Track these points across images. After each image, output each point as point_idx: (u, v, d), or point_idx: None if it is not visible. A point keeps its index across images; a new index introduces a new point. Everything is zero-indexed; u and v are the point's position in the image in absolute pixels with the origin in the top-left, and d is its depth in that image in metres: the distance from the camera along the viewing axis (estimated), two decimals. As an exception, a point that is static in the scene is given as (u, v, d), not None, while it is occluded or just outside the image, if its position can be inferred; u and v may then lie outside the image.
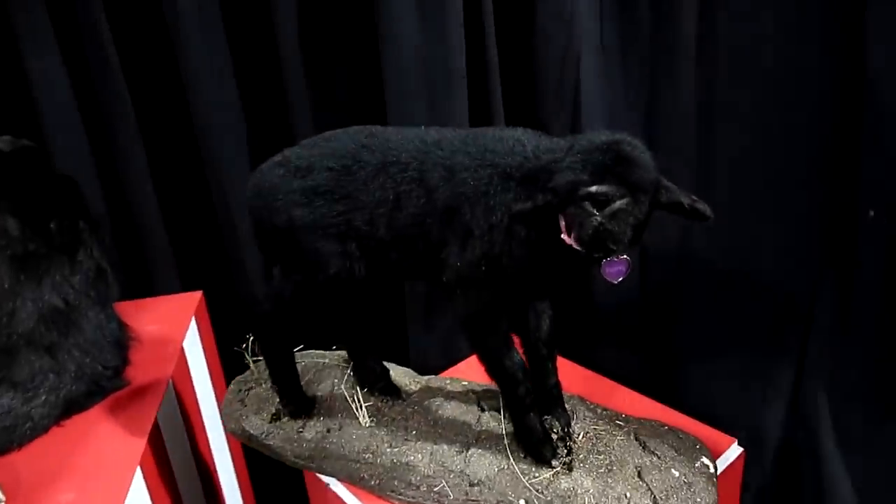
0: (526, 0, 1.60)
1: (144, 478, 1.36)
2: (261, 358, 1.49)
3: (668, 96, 1.69)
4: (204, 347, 1.88)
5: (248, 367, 1.52)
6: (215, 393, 1.89)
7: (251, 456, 1.99)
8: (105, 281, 1.62)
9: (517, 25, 1.64)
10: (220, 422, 1.88)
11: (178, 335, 1.77)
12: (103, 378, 1.55)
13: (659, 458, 1.18)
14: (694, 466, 1.17)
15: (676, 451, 1.20)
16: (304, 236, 1.14)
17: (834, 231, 1.65)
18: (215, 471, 1.83)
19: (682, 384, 1.84)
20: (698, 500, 1.12)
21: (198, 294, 1.94)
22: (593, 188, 0.89)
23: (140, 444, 1.40)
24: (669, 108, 1.68)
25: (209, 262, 2.06)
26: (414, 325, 1.86)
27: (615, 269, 0.98)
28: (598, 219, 0.90)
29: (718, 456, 1.26)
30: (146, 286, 2.02)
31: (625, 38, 1.66)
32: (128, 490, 1.29)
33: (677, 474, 1.15)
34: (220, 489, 1.84)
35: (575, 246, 0.96)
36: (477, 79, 1.65)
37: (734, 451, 1.31)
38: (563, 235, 0.97)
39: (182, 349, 1.73)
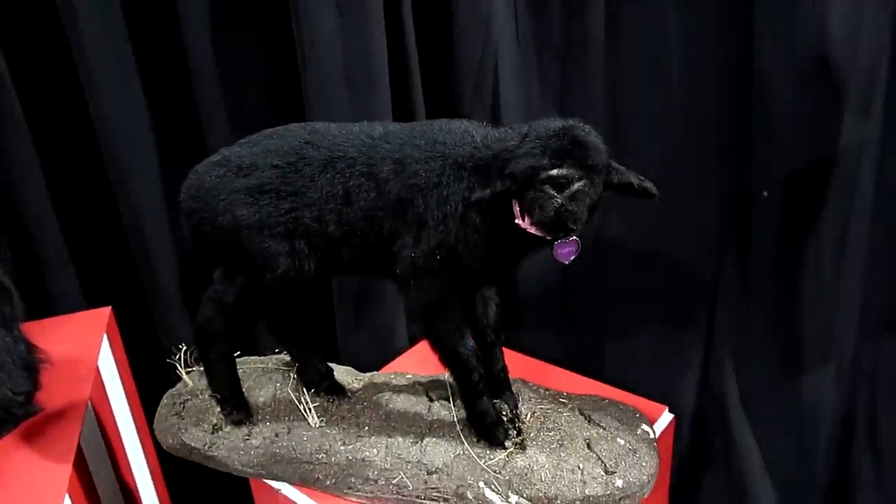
0: (444, 1, 1.64)
1: (74, 505, 1.28)
2: (193, 369, 1.44)
3: (580, 91, 1.78)
4: (118, 365, 1.78)
5: (167, 379, 1.46)
6: (132, 412, 1.80)
7: (171, 473, 1.91)
8: (9, 300, 1.51)
9: (436, 26, 1.67)
10: (138, 441, 1.80)
11: (91, 354, 1.67)
12: (14, 405, 1.44)
13: (604, 429, 1.25)
14: (636, 434, 1.25)
15: (619, 422, 1.27)
16: (250, 236, 1.12)
17: (733, 213, 1.80)
18: (138, 492, 1.74)
19: (605, 363, 1.94)
20: (643, 464, 1.19)
21: (107, 310, 1.84)
22: (554, 171, 0.93)
23: (66, 471, 1.32)
24: (581, 103, 1.77)
25: (115, 277, 1.95)
26: (343, 324, 1.85)
27: (567, 250, 1.03)
28: (559, 200, 0.95)
29: (653, 423, 1.34)
30: (45, 305, 1.88)
31: (538, 37, 1.73)
32: (59, 520, 1.20)
33: (623, 442, 1.22)
34: (145, 511, 1.76)
35: (530, 230, 1.00)
36: (398, 78, 1.67)
37: (666, 417, 1.40)
38: (517, 220, 1.01)
39: (97, 368, 1.63)
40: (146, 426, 1.81)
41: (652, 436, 1.27)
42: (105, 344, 1.74)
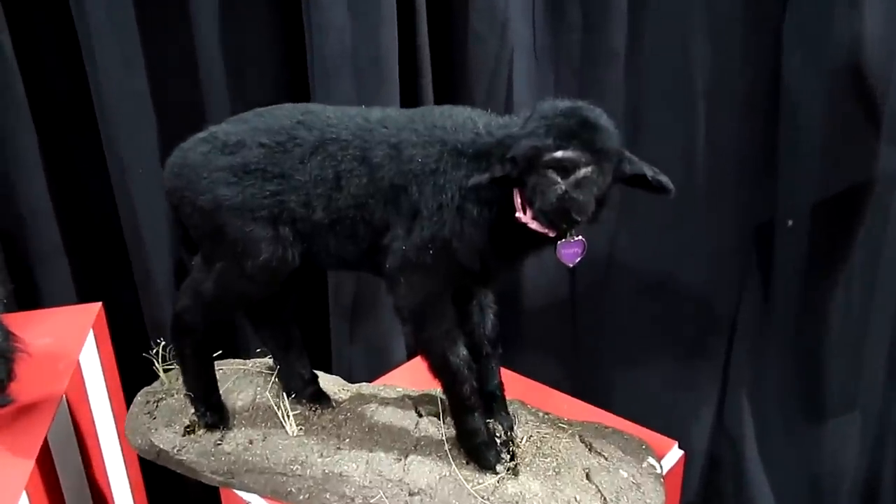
0: (459, 2, 1.59)
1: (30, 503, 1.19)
2: (171, 367, 1.36)
3: (597, 104, 1.71)
4: (102, 363, 1.71)
5: (156, 379, 1.38)
6: (114, 412, 1.72)
7: (152, 479, 1.81)
8: (-12, 284, 1.44)
9: (450, 27, 1.62)
10: (118, 443, 1.71)
11: (73, 349, 1.60)
12: (-17, 393, 1.36)
13: (606, 459, 1.14)
14: (641, 467, 1.14)
15: (623, 452, 1.16)
16: (232, 219, 1.04)
17: (755, 241, 1.71)
18: (111, 494, 1.65)
19: (611, 392, 1.83)
20: (648, 500, 1.09)
21: (97, 305, 1.77)
22: (559, 153, 0.85)
23: (27, 467, 1.25)
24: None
25: (109, 272, 1.89)
26: (338, 335, 1.76)
27: (571, 251, 0.94)
28: (563, 187, 0.86)
29: (661, 458, 1.23)
30: (36, 298, 1.83)
31: (556, 45, 1.67)
32: (11, 517, 1.12)
33: (626, 475, 1.11)
34: (116, 514, 1.66)
35: (531, 224, 0.92)
36: (408, 79, 1.61)
37: (675, 453, 1.29)
38: (517, 214, 0.92)
39: (78, 364, 1.56)
40: (126, 427, 1.73)
41: (658, 471, 1.16)
42: (90, 340, 1.67)
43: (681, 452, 1.31)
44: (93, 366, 1.66)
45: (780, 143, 1.59)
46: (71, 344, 1.61)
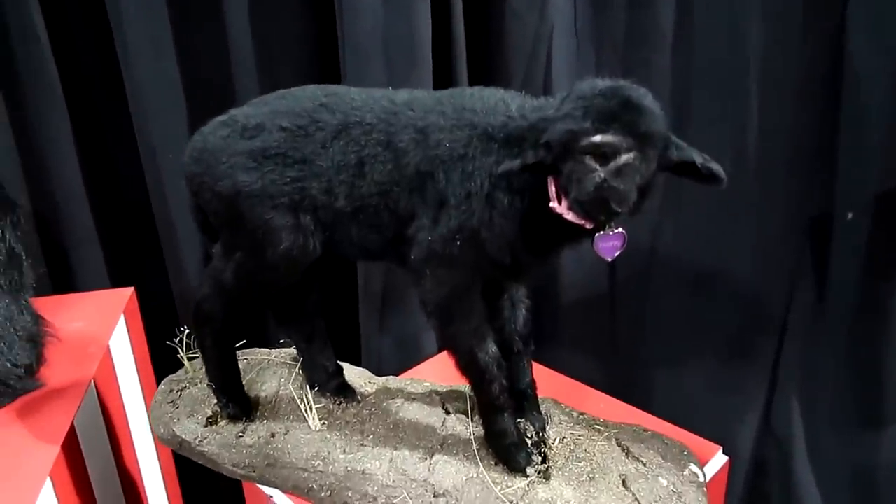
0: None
1: (55, 490, 1.20)
2: (197, 354, 1.33)
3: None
4: (133, 348, 1.70)
5: (183, 366, 1.35)
6: (144, 398, 1.72)
7: (184, 467, 1.81)
8: (18, 268, 1.45)
9: (486, 3, 1.54)
10: (149, 429, 1.71)
11: (103, 334, 1.60)
12: (12, 377, 1.38)
13: (644, 465, 1.07)
14: (682, 475, 1.07)
15: (663, 458, 1.09)
16: (251, 206, 1.00)
17: (809, 234, 1.60)
18: (142, 483, 1.65)
19: (650, 392, 1.75)
20: (688, 510, 1.01)
21: (129, 290, 1.77)
22: (597, 137, 0.78)
23: (52, 452, 1.25)
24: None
25: (141, 256, 1.89)
26: (368, 326, 1.72)
27: (610, 245, 0.87)
28: (602, 175, 0.79)
29: (704, 464, 1.16)
30: (69, 282, 1.83)
31: (599, 24, 1.58)
32: (34, 503, 1.10)
33: (665, 483, 1.04)
34: (146, 501, 1.66)
35: (565, 215, 0.85)
36: (441, 59, 1.55)
37: (719, 459, 1.21)
38: (552, 203, 0.85)
39: (108, 349, 1.56)
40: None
41: (701, 478, 1.08)
42: (121, 325, 1.67)
43: (725, 458, 1.23)
44: (123, 351, 1.66)
45: (841, 129, 1.48)
46: (101, 328, 1.61)
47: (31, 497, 1.14)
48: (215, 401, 1.22)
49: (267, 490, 1.18)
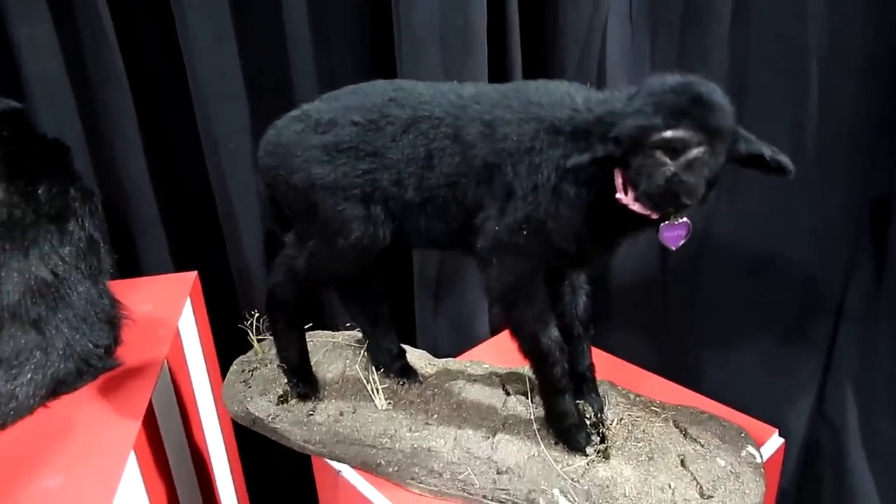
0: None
1: (138, 462, 1.27)
2: (265, 337, 1.39)
3: (698, 74, 1.61)
4: (199, 329, 1.78)
5: (246, 349, 1.42)
6: (209, 376, 1.80)
7: (244, 440, 1.89)
8: (97, 254, 1.52)
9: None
10: (213, 405, 1.79)
11: (172, 316, 1.67)
12: (94, 357, 1.45)
13: (702, 446, 1.10)
14: (740, 456, 1.09)
15: (721, 440, 1.11)
16: (324, 197, 1.05)
17: (869, 217, 1.57)
18: (208, 455, 1.73)
19: (703, 374, 1.76)
20: (747, 491, 1.04)
21: (192, 274, 1.85)
22: (668, 133, 0.80)
23: (134, 427, 1.31)
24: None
25: (203, 241, 1.95)
26: (423, 309, 1.76)
27: (675, 234, 0.89)
28: (672, 169, 0.81)
29: (760, 446, 1.18)
30: (134, 266, 1.91)
31: (655, 10, 1.57)
32: (121, 475, 1.19)
33: (723, 464, 1.07)
34: (213, 474, 1.75)
35: (633, 206, 0.87)
36: (496, 45, 1.56)
37: (775, 441, 1.23)
38: (618, 195, 0.88)
39: (177, 330, 1.63)
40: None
41: (758, 460, 1.10)
42: (188, 307, 1.74)
43: (781, 440, 1.24)
44: (190, 332, 1.73)
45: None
46: (170, 311, 1.68)
47: (118, 468, 1.21)
48: (285, 381, 1.28)
49: (335, 465, 1.24)
